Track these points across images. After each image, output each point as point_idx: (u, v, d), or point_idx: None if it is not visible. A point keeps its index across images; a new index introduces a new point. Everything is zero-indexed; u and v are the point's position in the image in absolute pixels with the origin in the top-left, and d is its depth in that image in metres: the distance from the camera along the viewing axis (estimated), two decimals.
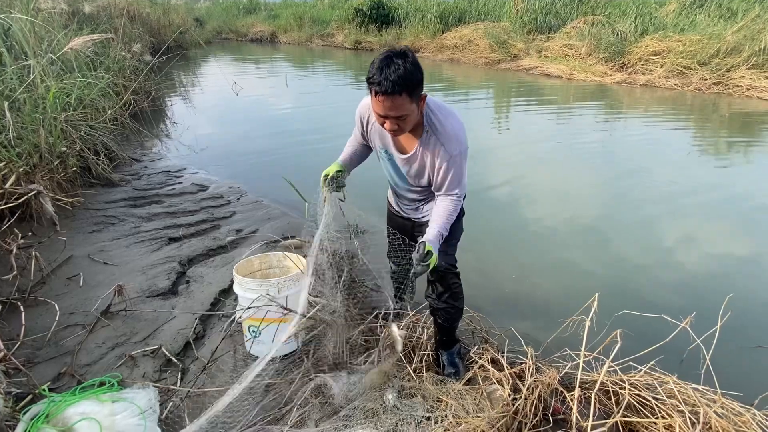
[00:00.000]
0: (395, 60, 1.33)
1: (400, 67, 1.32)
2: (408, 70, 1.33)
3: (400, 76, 1.31)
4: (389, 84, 1.31)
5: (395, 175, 1.72)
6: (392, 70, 1.31)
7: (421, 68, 1.38)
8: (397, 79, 1.31)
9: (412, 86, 1.35)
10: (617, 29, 9.59)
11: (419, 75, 1.37)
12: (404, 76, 1.32)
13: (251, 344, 1.85)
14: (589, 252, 3.01)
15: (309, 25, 16.00)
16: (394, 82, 1.31)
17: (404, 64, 1.32)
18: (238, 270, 1.83)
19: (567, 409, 1.55)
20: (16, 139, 2.78)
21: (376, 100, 1.37)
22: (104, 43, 5.16)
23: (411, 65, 1.34)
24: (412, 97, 1.36)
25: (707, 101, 7.40)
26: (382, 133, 1.57)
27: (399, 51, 1.37)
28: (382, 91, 1.32)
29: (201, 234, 2.94)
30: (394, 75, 1.31)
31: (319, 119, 6.06)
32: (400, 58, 1.33)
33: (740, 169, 4.59)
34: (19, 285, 2.09)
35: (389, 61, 1.33)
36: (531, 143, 5.26)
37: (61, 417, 1.36)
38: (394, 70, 1.31)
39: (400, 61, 1.33)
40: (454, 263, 1.71)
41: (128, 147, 4.47)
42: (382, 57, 1.35)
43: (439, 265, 1.64)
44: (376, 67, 1.34)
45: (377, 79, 1.32)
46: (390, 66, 1.32)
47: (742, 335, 2.16)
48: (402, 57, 1.34)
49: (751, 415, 1.44)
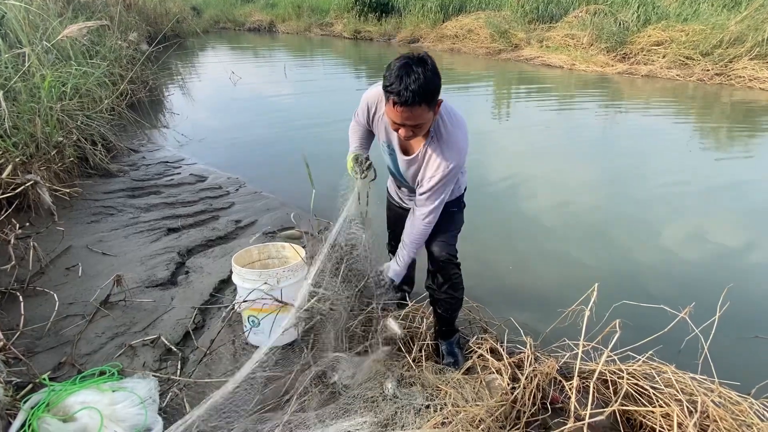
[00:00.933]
0: (415, 68, 1.26)
1: (420, 76, 1.25)
2: (428, 78, 1.27)
3: (420, 86, 1.25)
4: (409, 95, 1.25)
5: (394, 170, 1.70)
6: (412, 79, 1.25)
7: (439, 74, 1.32)
8: (417, 89, 1.25)
9: (432, 95, 1.30)
10: (619, 18, 9.48)
11: (438, 82, 1.31)
12: (424, 86, 1.26)
13: (250, 334, 1.86)
14: (588, 242, 3.01)
15: (308, 14, 15.79)
16: (414, 92, 1.25)
17: (424, 73, 1.26)
18: (237, 260, 1.82)
19: (565, 398, 1.56)
20: (12, 128, 2.75)
21: (394, 110, 1.31)
22: (100, 32, 5.10)
23: (431, 73, 1.28)
24: (431, 105, 1.32)
25: (709, 92, 7.35)
26: (388, 128, 1.53)
27: (418, 57, 1.30)
28: (402, 101, 1.27)
29: (200, 225, 2.93)
30: (414, 85, 1.24)
31: (319, 109, 6.02)
32: (420, 66, 1.27)
33: (741, 161, 4.58)
34: (17, 275, 2.08)
35: (408, 69, 1.26)
36: (531, 134, 5.23)
37: (61, 406, 1.36)
38: (414, 79, 1.25)
39: (420, 69, 1.26)
40: (454, 254, 1.71)
41: (126, 137, 4.43)
42: (400, 64, 1.28)
43: (439, 255, 1.64)
44: (395, 75, 1.27)
45: (396, 88, 1.26)
46: (410, 75, 1.25)
47: (740, 325, 2.17)
48: (422, 65, 1.28)
49: (748, 404, 1.45)
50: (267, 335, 1.80)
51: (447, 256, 1.64)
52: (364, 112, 1.63)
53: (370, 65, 10.15)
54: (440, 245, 1.65)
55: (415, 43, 12.52)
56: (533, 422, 1.49)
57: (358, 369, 1.57)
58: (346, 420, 1.38)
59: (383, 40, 13.34)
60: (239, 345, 1.88)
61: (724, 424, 1.39)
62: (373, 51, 12.02)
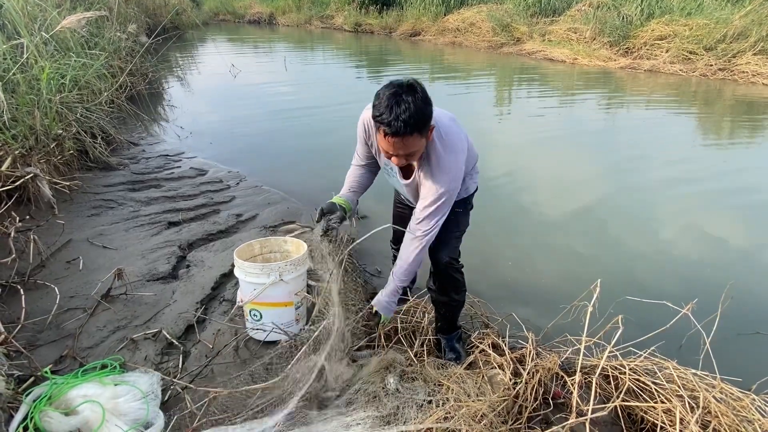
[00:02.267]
0: (405, 98, 1.24)
1: (411, 105, 1.23)
2: (419, 108, 1.24)
3: (411, 116, 1.23)
4: (401, 125, 1.23)
5: (399, 191, 1.71)
6: (402, 109, 1.23)
7: (430, 101, 1.30)
8: (408, 119, 1.23)
9: (423, 124, 1.28)
10: (623, 12, 9.40)
11: (429, 110, 1.29)
12: (415, 116, 1.24)
13: (252, 327, 1.85)
14: (590, 238, 3.01)
15: (308, 7, 15.66)
16: (406, 122, 1.23)
17: (414, 102, 1.24)
18: (239, 254, 1.81)
19: (567, 394, 1.56)
20: (11, 120, 2.73)
21: (386, 140, 1.29)
22: (99, 23, 5.04)
23: (421, 101, 1.26)
24: (422, 133, 1.29)
25: (712, 87, 7.31)
26: None
27: (407, 85, 1.27)
28: (393, 132, 1.25)
29: (200, 218, 2.92)
30: (405, 115, 1.22)
31: (320, 102, 5.98)
32: (410, 95, 1.24)
33: (744, 156, 4.56)
34: (18, 268, 2.07)
35: (398, 98, 1.24)
36: (533, 129, 5.21)
37: (63, 399, 1.36)
38: (405, 109, 1.23)
39: (410, 98, 1.24)
40: (456, 257, 1.69)
41: (125, 130, 4.41)
42: (389, 93, 1.26)
43: (441, 258, 1.62)
44: (385, 105, 1.25)
45: (387, 119, 1.24)
46: (400, 105, 1.23)
47: (742, 322, 2.17)
48: (411, 93, 1.25)
49: (750, 400, 1.46)
50: (269, 330, 1.80)
51: (448, 260, 1.62)
52: (361, 137, 1.59)
53: (371, 58, 10.08)
54: (442, 248, 1.62)
55: (416, 37, 12.42)
56: (535, 417, 1.49)
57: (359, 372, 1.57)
58: (348, 415, 1.38)
59: (384, 33, 13.24)
60: (241, 339, 1.88)
61: (725, 419, 1.39)
62: (374, 44, 11.93)
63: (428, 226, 1.48)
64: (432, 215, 1.46)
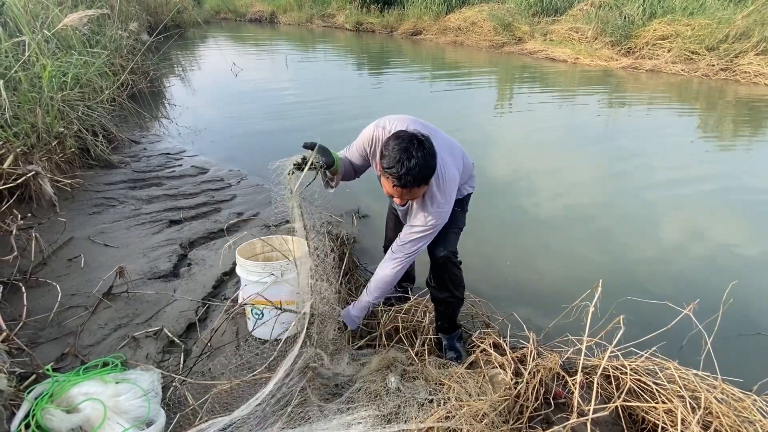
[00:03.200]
0: (414, 153, 1.30)
1: (420, 161, 1.30)
2: (427, 163, 1.32)
3: (420, 171, 1.31)
4: (410, 179, 1.31)
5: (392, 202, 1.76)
6: (412, 164, 1.30)
7: (435, 154, 1.37)
8: (417, 174, 1.31)
9: (428, 176, 1.36)
10: (625, 12, 9.38)
11: (434, 163, 1.36)
12: (423, 170, 1.32)
13: (254, 326, 1.86)
14: (592, 239, 3.00)
15: (309, 6, 15.64)
16: (415, 177, 1.31)
17: (424, 157, 1.31)
18: (241, 253, 1.82)
19: (568, 394, 1.56)
20: (12, 118, 2.73)
21: (393, 189, 1.37)
22: (100, 21, 5.04)
23: (429, 157, 1.33)
24: (428, 183, 1.38)
25: (714, 88, 7.30)
26: None
27: (417, 139, 1.33)
28: (401, 185, 1.33)
29: (202, 217, 2.92)
30: (415, 170, 1.30)
31: (321, 101, 5.97)
32: (419, 150, 1.31)
33: (746, 157, 4.55)
34: (19, 266, 2.08)
35: (409, 154, 1.30)
36: (534, 128, 5.20)
37: (65, 397, 1.36)
38: (414, 164, 1.30)
39: (419, 153, 1.30)
40: (455, 251, 1.69)
41: (127, 128, 4.41)
42: (399, 147, 1.31)
43: (439, 254, 1.64)
44: (395, 159, 1.31)
45: (396, 173, 1.31)
46: (410, 160, 1.30)
47: (743, 322, 2.17)
48: (420, 148, 1.31)
49: (751, 400, 1.46)
50: (270, 327, 1.80)
51: (447, 254, 1.63)
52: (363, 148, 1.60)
53: (372, 57, 10.07)
54: (440, 243, 1.64)
55: (417, 36, 12.40)
56: (536, 417, 1.49)
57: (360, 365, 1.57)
58: (349, 414, 1.38)
59: (385, 32, 13.23)
60: (242, 337, 1.88)
61: (726, 420, 1.39)
62: (375, 43, 11.91)
63: (410, 250, 1.56)
64: (416, 241, 1.55)
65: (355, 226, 2.91)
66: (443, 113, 5.53)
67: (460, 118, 5.37)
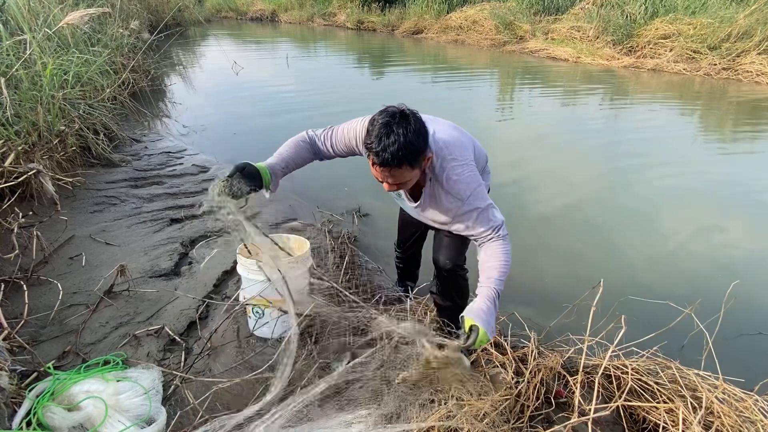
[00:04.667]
0: (395, 129, 1.21)
1: (400, 138, 1.21)
2: (409, 140, 1.21)
3: (399, 148, 1.21)
4: (388, 156, 1.21)
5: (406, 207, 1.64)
6: (391, 140, 1.21)
7: (424, 132, 1.27)
8: (395, 151, 1.21)
9: (413, 157, 1.24)
10: (626, 11, 9.35)
11: (421, 143, 1.25)
12: (404, 149, 1.21)
13: (254, 325, 1.86)
14: (593, 238, 3.00)
15: (310, 4, 15.62)
16: (393, 154, 1.21)
17: (405, 134, 1.21)
18: (242, 251, 1.81)
19: (569, 393, 1.56)
20: (14, 117, 2.73)
21: (374, 168, 1.28)
22: (101, 20, 5.04)
23: (413, 134, 1.22)
24: (413, 165, 1.27)
25: (716, 87, 7.28)
26: None
27: (401, 115, 1.24)
28: (379, 162, 1.24)
29: (203, 215, 2.92)
30: (393, 147, 1.20)
31: (321, 100, 5.97)
32: (402, 127, 1.22)
33: (748, 156, 4.54)
34: (21, 264, 2.08)
35: (389, 129, 1.21)
36: (535, 128, 5.19)
37: (66, 395, 1.36)
38: (393, 141, 1.20)
39: (401, 130, 1.21)
40: (462, 263, 1.66)
41: (128, 127, 4.41)
42: (382, 122, 1.23)
43: (445, 264, 1.59)
44: (375, 134, 1.23)
45: (375, 148, 1.23)
46: (389, 136, 1.21)
47: (745, 322, 2.17)
48: (403, 124, 1.22)
49: (752, 400, 1.45)
50: (272, 327, 1.81)
51: (453, 266, 1.60)
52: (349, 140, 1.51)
53: (373, 56, 10.06)
54: (447, 253, 1.60)
55: (418, 35, 12.39)
56: (537, 416, 1.49)
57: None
58: (349, 412, 1.38)
59: (386, 31, 13.21)
60: (243, 336, 1.88)
61: (728, 420, 1.38)
62: (376, 42, 11.90)
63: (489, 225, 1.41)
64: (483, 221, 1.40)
65: (356, 225, 2.91)
66: (444, 111, 5.51)
67: (461, 117, 5.36)
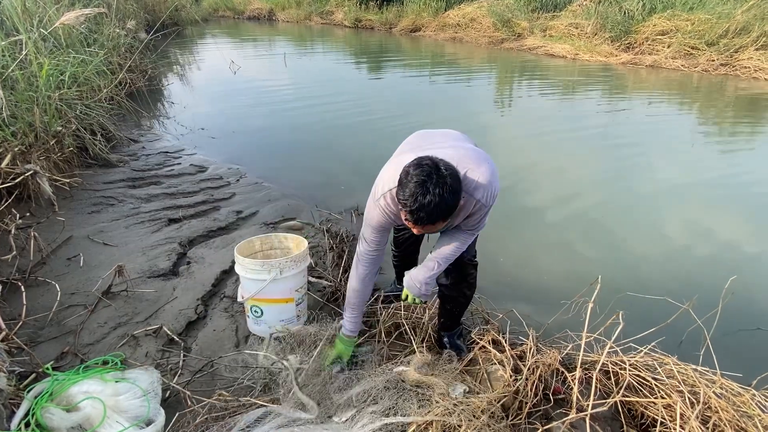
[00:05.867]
0: (432, 190, 1.15)
1: (436, 197, 1.15)
2: (445, 201, 1.16)
3: (435, 208, 1.16)
4: (424, 215, 1.17)
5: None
6: (427, 201, 1.15)
7: (459, 190, 1.21)
8: (432, 211, 1.16)
9: (448, 213, 1.21)
10: (624, 7, 9.34)
11: (456, 200, 1.21)
12: (441, 210, 1.17)
13: (252, 324, 1.86)
14: (592, 235, 3.00)
15: (308, 3, 15.56)
16: (429, 214, 1.17)
17: (442, 194, 1.16)
18: (240, 251, 1.81)
19: (567, 389, 1.56)
20: (10, 117, 2.72)
21: (407, 222, 1.25)
22: (98, 20, 5.02)
23: (449, 194, 1.17)
24: (447, 219, 1.24)
25: (714, 83, 7.28)
26: None
27: (437, 174, 1.17)
28: (413, 221, 1.21)
29: (201, 215, 2.92)
30: (429, 207, 1.16)
31: (319, 99, 5.95)
32: (438, 187, 1.15)
33: (745, 153, 4.54)
34: (18, 265, 2.08)
35: (425, 189, 1.15)
36: (533, 125, 5.19)
37: (65, 395, 1.36)
38: (430, 201, 1.15)
39: (437, 190, 1.15)
40: (474, 255, 1.69)
41: (125, 127, 4.40)
42: (417, 181, 1.16)
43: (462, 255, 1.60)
44: (410, 193, 1.16)
45: (410, 207, 1.17)
46: (425, 196, 1.15)
47: (743, 317, 2.17)
48: (440, 184, 1.16)
49: (750, 395, 1.46)
50: (270, 325, 1.81)
51: (467, 257, 1.62)
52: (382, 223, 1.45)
53: (372, 54, 10.03)
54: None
55: (416, 32, 12.36)
56: (535, 413, 1.49)
57: None
58: (349, 410, 1.38)
59: (384, 29, 13.17)
60: (242, 336, 1.88)
61: (725, 415, 1.39)
62: (374, 40, 11.87)
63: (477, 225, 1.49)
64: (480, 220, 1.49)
65: (354, 224, 2.91)
66: (442, 109, 5.52)
67: (459, 114, 5.36)
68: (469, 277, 1.69)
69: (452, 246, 1.49)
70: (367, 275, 1.56)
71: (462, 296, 1.71)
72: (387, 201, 1.39)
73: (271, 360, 1.56)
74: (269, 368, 1.56)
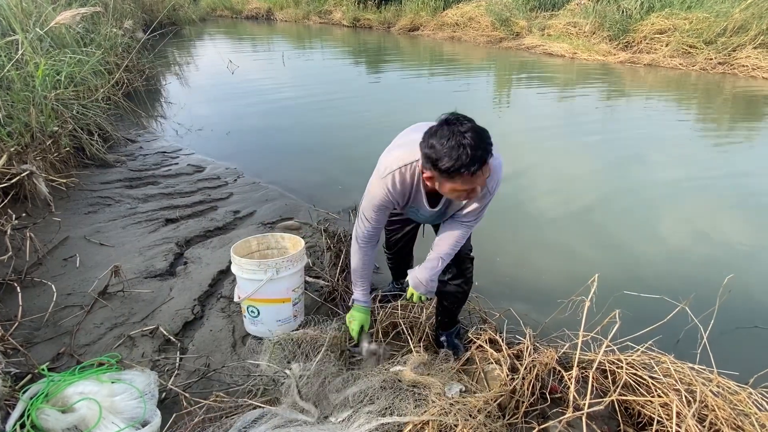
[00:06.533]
0: (465, 134, 1.17)
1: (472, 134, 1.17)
2: (479, 132, 1.19)
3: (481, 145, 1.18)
4: (480, 153, 1.17)
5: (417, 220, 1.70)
6: (468, 139, 1.16)
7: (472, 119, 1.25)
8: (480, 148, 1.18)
9: (488, 147, 1.21)
10: (622, 6, 9.34)
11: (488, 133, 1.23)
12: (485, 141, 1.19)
13: (249, 324, 1.85)
14: (588, 233, 3.00)
15: (306, 2, 15.54)
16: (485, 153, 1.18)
17: (473, 128, 1.19)
18: (236, 251, 1.81)
19: (564, 388, 1.56)
20: (6, 118, 2.71)
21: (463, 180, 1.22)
22: (94, 19, 5.01)
23: (480, 129, 1.20)
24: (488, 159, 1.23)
25: (712, 81, 7.28)
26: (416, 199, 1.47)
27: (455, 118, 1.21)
28: (473, 171, 1.19)
29: (198, 215, 2.91)
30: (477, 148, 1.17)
31: (317, 99, 5.95)
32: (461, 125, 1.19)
33: (743, 151, 4.55)
34: (14, 266, 2.07)
35: (459, 136, 1.17)
36: (531, 124, 5.19)
37: (60, 396, 1.36)
38: (470, 141, 1.16)
39: (468, 124, 1.19)
40: (470, 248, 1.70)
41: (122, 127, 4.39)
42: (448, 136, 1.18)
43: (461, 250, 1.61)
44: (450, 147, 1.17)
45: (464, 161, 1.17)
46: (464, 136, 1.17)
47: (740, 315, 2.17)
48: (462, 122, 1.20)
49: (747, 393, 1.46)
50: (266, 326, 1.80)
51: (464, 251, 1.63)
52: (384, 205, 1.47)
53: (370, 53, 10.02)
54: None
55: (414, 32, 12.35)
56: (532, 412, 1.49)
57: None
58: (345, 410, 1.38)
59: (383, 28, 13.16)
60: (238, 336, 1.88)
61: (722, 413, 1.39)
62: (373, 39, 11.86)
63: (476, 217, 1.52)
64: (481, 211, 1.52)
65: (352, 223, 2.91)
66: (441, 109, 5.50)
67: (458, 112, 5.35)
68: (467, 272, 1.69)
69: (452, 241, 1.53)
70: (368, 249, 1.59)
71: (459, 291, 1.71)
72: (395, 179, 1.39)
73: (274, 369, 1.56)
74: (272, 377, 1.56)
